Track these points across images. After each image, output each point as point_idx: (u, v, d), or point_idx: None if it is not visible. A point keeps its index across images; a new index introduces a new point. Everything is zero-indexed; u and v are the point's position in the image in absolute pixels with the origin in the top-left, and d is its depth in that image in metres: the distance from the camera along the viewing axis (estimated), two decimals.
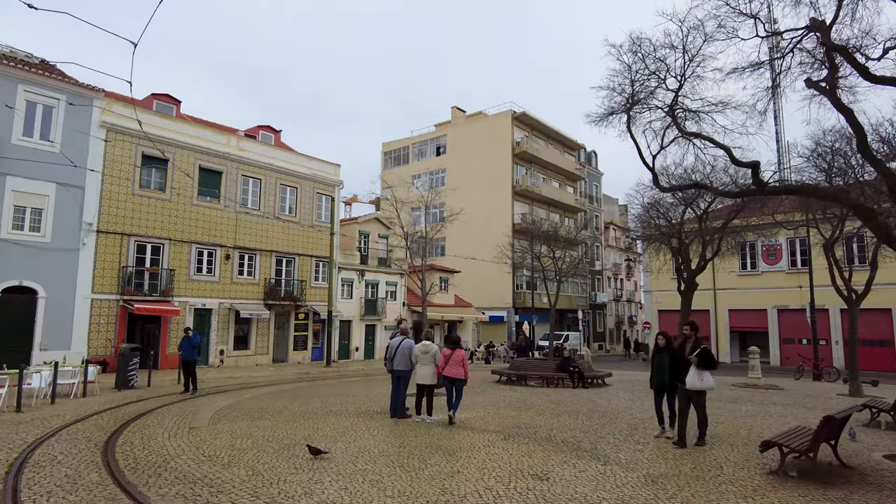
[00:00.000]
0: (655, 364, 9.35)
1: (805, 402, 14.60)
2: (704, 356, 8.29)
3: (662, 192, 10.18)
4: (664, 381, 9.17)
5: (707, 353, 8.33)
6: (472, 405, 12.80)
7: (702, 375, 8.25)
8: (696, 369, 8.25)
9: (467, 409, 12.05)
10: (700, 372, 8.24)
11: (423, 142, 52.72)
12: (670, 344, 9.25)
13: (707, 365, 8.28)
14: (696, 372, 8.25)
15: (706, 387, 8.34)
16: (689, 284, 20.99)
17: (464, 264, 39.24)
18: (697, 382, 8.26)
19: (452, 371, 10.39)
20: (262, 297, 26.29)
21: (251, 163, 26.55)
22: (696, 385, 8.29)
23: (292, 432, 9.48)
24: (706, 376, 8.27)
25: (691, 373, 8.29)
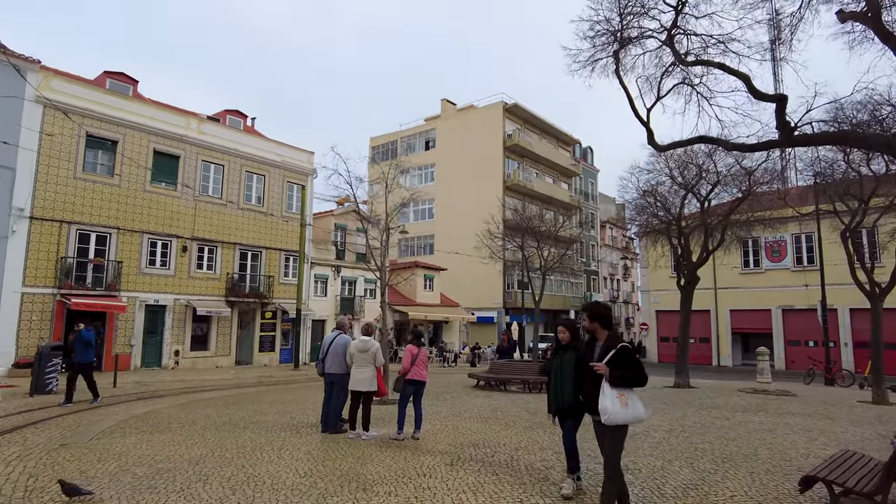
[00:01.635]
0: (553, 371, 5.76)
1: (826, 412, 12.47)
2: (624, 362, 4.58)
3: (659, 150, 8.14)
4: (566, 403, 5.61)
5: (627, 356, 4.62)
6: (432, 415, 10.64)
7: (624, 397, 4.52)
8: (610, 388, 4.53)
9: (424, 420, 9.89)
10: (620, 392, 4.53)
11: (411, 136, 50.64)
12: (577, 339, 5.75)
13: (630, 379, 4.57)
14: (612, 392, 4.52)
15: (632, 418, 4.56)
16: (690, 279, 18.90)
17: (453, 262, 37.12)
18: (619, 410, 4.48)
19: (418, 373, 8.31)
20: (224, 293, 24.09)
21: (213, 147, 24.38)
22: (615, 415, 4.48)
23: (181, 451, 7.34)
24: (632, 400, 4.55)
25: (605, 393, 4.53)
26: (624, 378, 4.54)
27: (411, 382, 8.34)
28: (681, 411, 11.85)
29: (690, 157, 18.46)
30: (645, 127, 8.64)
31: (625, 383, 4.55)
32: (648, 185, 19.75)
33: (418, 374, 8.35)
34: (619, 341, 4.73)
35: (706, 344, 35.47)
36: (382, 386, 8.59)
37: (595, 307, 5.04)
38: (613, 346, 4.67)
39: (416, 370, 8.34)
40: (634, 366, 4.61)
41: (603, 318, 4.93)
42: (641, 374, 4.59)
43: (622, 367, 4.56)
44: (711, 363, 34.84)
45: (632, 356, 4.63)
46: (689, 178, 18.54)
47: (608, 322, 4.93)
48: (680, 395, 15.48)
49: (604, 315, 4.96)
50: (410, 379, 8.32)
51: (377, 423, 9.54)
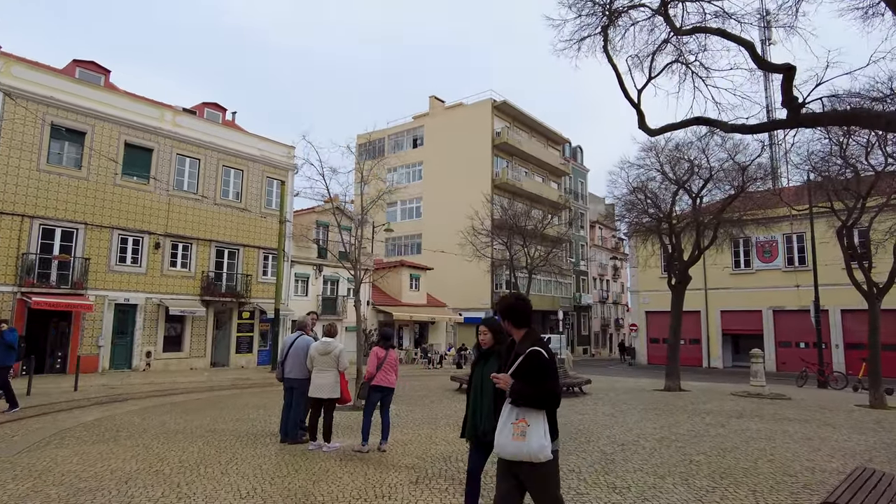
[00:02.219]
0: (472, 386, 4.31)
1: (824, 417, 11.81)
2: (529, 373, 3.32)
3: (651, 134, 7.32)
4: (484, 428, 4.08)
5: (532, 364, 3.32)
6: (406, 422, 9.85)
7: (523, 424, 3.27)
8: (510, 409, 3.34)
9: (395, 428, 9.10)
10: (521, 415, 3.28)
11: (399, 133, 49.80)
12: (501, 342, 4.18)
13: (529, 398, 3.27)
14: (510, 414, 3.33)
15: (523, 455, 3.24)
16: (682, 278, 18.24)
17: (440, 262, 36.36)
18: (506, 441, 3.30)
19: (385, 378, 7.52)
20: (199, 292, 23.14)
21: (189, 140, 23.43)
22: (500, 447, 3.36)
23: (115, 466, 6.50)
24: (534, 429, 3.23)
25: (503, 416, 3.38)
26: (522, 395, 3.25)
27: (377, 389, 7.54)
28: (672, 417, 11.14)
29: (682, 152, 17.84)
30: (636, 109, 7.92)
31: (526, 402, 3.26)
32: (638, 181, 19.08)
33: (385, 380, 7.56)
34: (532, 344, 3.40)
35: (696, 345, 34.94)
36: (346, 392, 7.79)
37: (504, 300, 3.73)
38: (523, 353, 3.36)
39: (383, 375, 7.54)
40: (538, 378, 3.24)
41: (513, 312, 3.59)
42: (544, 392, 3.21)
43: (527, 379, 3.28)
44: (702, 365, 34.31)
45: (539, 364, 3.29)
46: (681, 173, 17.90)
47: (522, 318, 3.60)
48: (671, 399, 14.79)
49: (514, 308, 3.60)
50: (376, 385, 7.52)
51: (343, 433, 8.75)
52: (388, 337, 7.87)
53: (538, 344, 3.39)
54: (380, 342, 7.79)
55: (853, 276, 15.51)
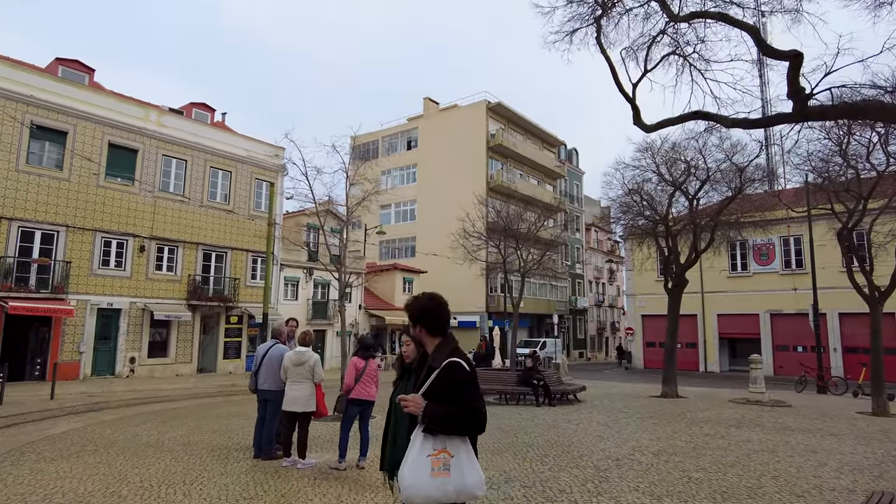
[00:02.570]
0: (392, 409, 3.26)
1: (827, 427, 11.36)
2: (446, 391, 2.62)
3: (647, 131, 6.86)
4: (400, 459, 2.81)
5: (452, 379, 2.64)
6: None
7: (444, 457, 2.52)
8: (423, 438, 2.56)
9: (378, 442, 8.60)
10: (440, 445, 2.54)
11: (393, 135, 49.36)
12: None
13: (456, 421, 2.56)
14: (423, 445, 2.55)
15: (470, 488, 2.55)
16: (678, 281, 17.81)
17: (434, 265, 35.81)
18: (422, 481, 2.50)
19: (364, 391, 7.03)
20: (185, 296, 22.58)
21: (175, 141, 22.90)
22: (412, 490, 2.51)
23: (69, 486, 6.00)
24: (457, 463, 2.53)
25: (412, 448, 2.58)
26: (439, 419, 2.52)
27: (355, 402, 7.06)
28: (670, 427, 10.68)
29: (679, 153, 17.43)
30: (630, 104, 7.49)
31: (445, 428, 2.53)
32: (634, 182, 18.66)
33: (364, 393, 7.07)
34: (449, 354, 2.70)
35: (693, 349, 34.53)
36: (322, 405, 7.30)
37: (414, 301, 2.96)
38: (437, 366, 2.68)
39: (362, 388, 7.06)
40: (459, 396, 2.57)
41: (427, 316, 2.86)
42: (466, 413, 2.55)
43: (444, 398, 2.58)
44: (698, 369, 33.89)
45: (459, 380, 2.60)
46: (677, 174, 17.49)
47: (436, 323, 2.86)
48: (668, 406, 14.33)
49: (427, 312, 2.87)
50: (354, 398, 7.03)
51: (321, 447, 8.25)
52: (367, 346, 7.39)
53: (456, 354, 2.72)
54: (358, 351, 7.31)
55: (854, 279, 15.12)
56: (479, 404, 2.65)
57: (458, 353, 2.76)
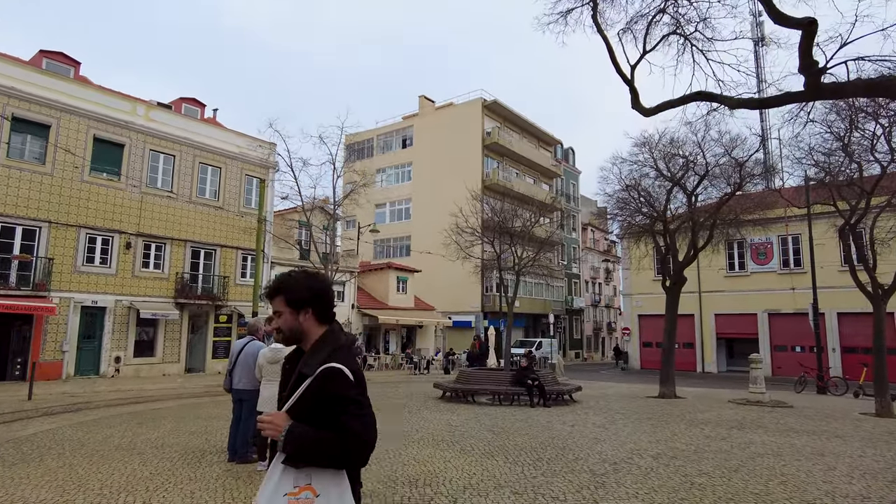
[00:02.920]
0: None
1: (831, 428, 10.96)
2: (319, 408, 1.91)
3: (645, 115, 6.43)
4: None
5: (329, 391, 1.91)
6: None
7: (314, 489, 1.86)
8: (282, 471, 1.87)
9: None
10: (302, 479, 1.86)
11: (388, 134, 48.90)
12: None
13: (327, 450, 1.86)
14: (280, 480, 1.87)
15: None
16: (677, 279, 17.40)
17: (429, 265, 35.36)
18: None
19: None
20: (173, 294, 22.08)
21: (163, 136, 22.41)
22: None
23: (22, 494, 5.52)
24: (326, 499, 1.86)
25: (274, 480, 1.88)
26: (303, 448, 1.86)
27: None
28: (669, 429, 10.25)
29: (676, 148, 17.03)
30: (629, 86, 7.08)
31: (312, 458, 1.87)
32: (631, 178, 18.24)
33: None
34: (328, 356, 1.98)
35: (690, 349, 34.16)
36: None
37: (288, 279, 2.15)
38: (310, 373, 1.94)
39: None
40: (335, 417, 1.88)
41: (318, 298, 2.10)
42: (341, 442, 1.86)
43: (316, 418, 1.90)
44: (696, 370, 33.53)
45: (337, 392, 1.90)
46: (675, 169, 17.10)
47: (327, 308, 2.13)
48: (666, 407, 13.91)
49: (317, 291, 2.11)
50: None
51: None
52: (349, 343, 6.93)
53: (338, 356, 1.97)
54: None
55: (857, 277, 14.74)
56: (363, 428, 1.90)
57: (342, 355, 1.99)
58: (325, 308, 2.13)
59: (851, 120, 13.86)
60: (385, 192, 47.47)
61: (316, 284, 2.15)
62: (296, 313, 2.09)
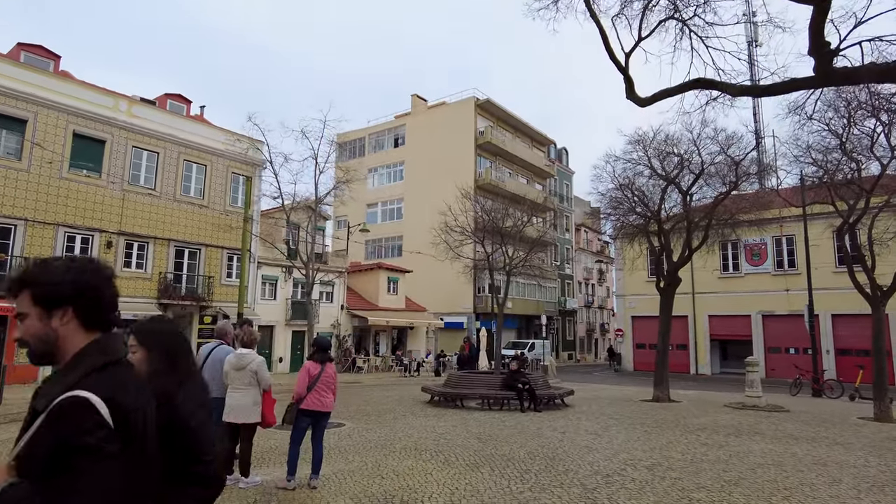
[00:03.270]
0: None
1: (831, 434, 10.58)
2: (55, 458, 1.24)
3: (641, 105, 6.00)
4: None
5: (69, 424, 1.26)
6: (355, 445, 8.40)
7: None
8: None
9: (341, 453, 7.70)
10: None
11: (380, 132, 48.40)
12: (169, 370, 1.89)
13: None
14: None
15: None
16: (671, 280, 17.02)
17: (421, 265, 34.86)
18: None
19: (318, 401, 6.12)
20: (156, 294, 21.51)
21: (146, 132, 21.83)
22: None
23: None
24: None
25: None
26: None
27: (307, 413, 6.13)
28: (664, 436, 9.82)
29: (671, 146, 16.65)
30: (623, 74, 6.65)
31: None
32: (625, 177, 17.84)
33: (318, 403, 6.15)
34: (74, 383, 1.33)
35: (684, 351, 33.84)
36: (270, 413, 6.34)
37: (31, 269, 1.49)
38: (41, 408, 1.32)
39: (316, 397, 6.14)
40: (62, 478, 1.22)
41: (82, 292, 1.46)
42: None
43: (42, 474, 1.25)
44: (689, 371, 33.21)
45: (72, 437, 1.24)
46: (670, 168, 16.71)
47: (89, 302, 1.48)
48: (660, 412, 13.50)
49: (44, 282, 1.44)
50: (306, 409, 6.10)
51: (271, 462, 7.30)
52: (324, 348, 6.47)
53: (92, 381, 1.35)
54: (314, 355, 6.39)
55: (855, 278, 14.40)
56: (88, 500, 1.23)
57: (101, 379, 1.36)
58: (93, 308, 1.48)
59: (850, 117, 13.53)
60: (377, 191, 46.96)
61: (81, 275, 1.48)
62: (47, 315, 1.44)
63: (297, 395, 6.12)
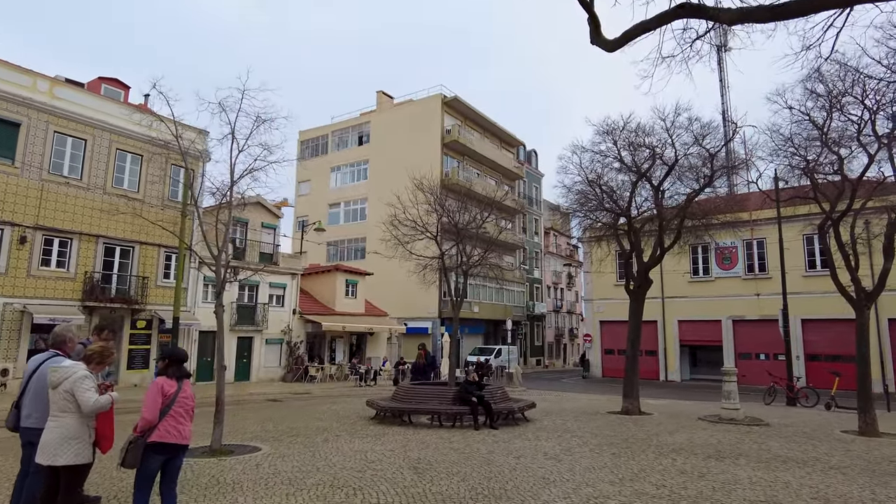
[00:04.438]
0: None
1: (820, 454, 9.32)
2: None
3: (608, 49, 4.50)
4: None
5: None
6: (255, 482, 6.72)
7: None
8: None
9: (224, 496, 6.03)
10: None
11: (343, 129, 46.62)
12: None
13: None
14: None
15: None
16: (641, 281, 15.76)
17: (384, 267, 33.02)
18: None
19: (177, 430, 4.46)
20: (80, 296, 19.38)
21: (71, 117, 19.73)
22: None
23: None
24: None
25: None
26: None
27: (159, 448, 4.47)
28: (636, 461, 8.40)
29: (642, 136, 15.43)
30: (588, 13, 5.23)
31: None
32: (593, 171, 16.54)
33: (174, 434, 4.52)
34: None
35: (653, 357, 32.89)
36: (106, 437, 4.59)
37: None
38: None
39: (171, 425, 4.50)
40: None
41: None
42: None
43: None
44: (659, 378, 32.25)
45: None
46: (641, 161, 15.48)
47: None
48: (630, 427, 12.12)
49: None
50: (157, 442, 4.45)
51: None
52: (180, 360, 4.81)
53: None
54: (167, 369, 4.72)
55: (838, 280, 13.32)
56: None
57: None
58: None
59: (831, 106, 12.50)
60: (339, 191, 45.14)
61: None
62: None
63: (147, 423, 4.45)
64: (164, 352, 4.91)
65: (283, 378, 25.53)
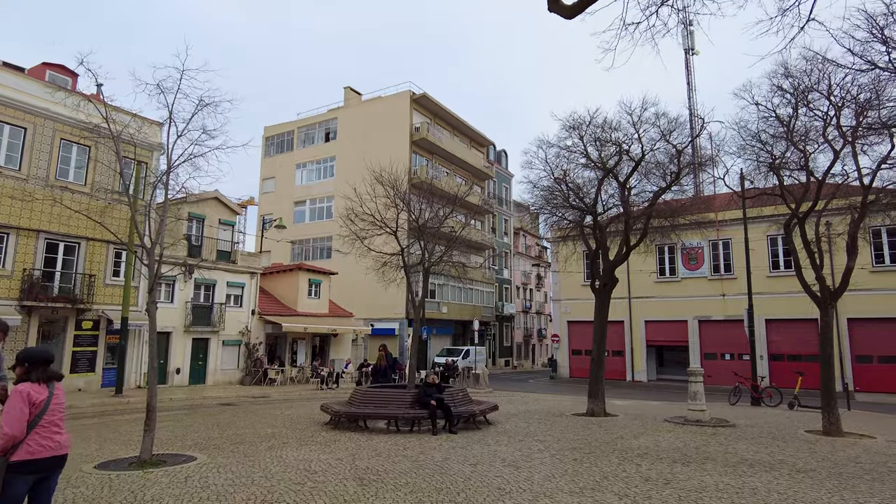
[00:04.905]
0: None
1: (787, 456, 9.04)
2: None
3: (569, 16, 3.97)
4: None
5: None
6: (180, 497, 6.02)
7: None
8: None
9: None
10: None
11: (310, 126, 45.57)
12: None
13: None
14: None
15: None
16: (607, 280, 15.43)
17: (350, 267, 32.25)
18: None
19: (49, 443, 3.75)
20: (18, 295, 18.14)
21: (8, 103, 18.49)
22: None
23: None
24: None
25: None
26: None
27: (29, 468, 3.77)
28: (598, 467, 7.95)
29: (609, 132, 15.10)
30: None
31: None
32: (559, 168, 16.18)
33: (47, 446, 3.83)
34: None
35: (620, 357, 32.84)
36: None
37: None
38: None
39: (42, 437, 3.81)
40: None
41: None
42: None
43: None
44: (625, 378, 32.19)
45: None
46: (607, 157, 15.17)
47: None
48: (595, 430, 11.72)
49: None
50: (24, 461, 3.75)
51: None
52: (46, 360, 4.09)
53: None
54: (30, 374, 3.98)
55: (803, 278, 13.19)
56: None
57: None
58: None
59: (797, 102, 12.36)
60: (305, 188, 44.09)
61: None
62: None
63: (10, 439, 3.74)
64: (18, 356, 4.08)
65: (241, 381, 24.53)
